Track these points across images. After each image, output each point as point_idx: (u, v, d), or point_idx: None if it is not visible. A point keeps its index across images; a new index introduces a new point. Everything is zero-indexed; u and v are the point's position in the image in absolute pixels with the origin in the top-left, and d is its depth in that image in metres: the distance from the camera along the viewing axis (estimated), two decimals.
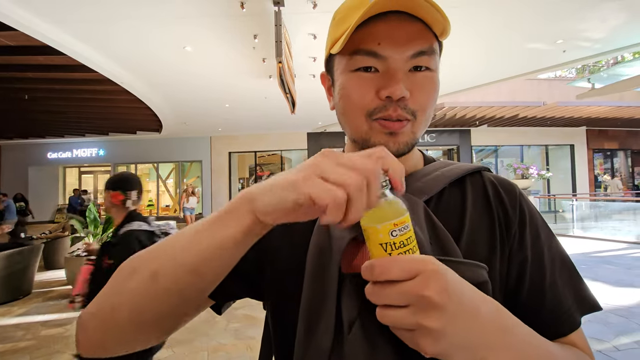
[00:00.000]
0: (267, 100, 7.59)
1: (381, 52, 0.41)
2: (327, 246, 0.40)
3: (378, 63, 0.42)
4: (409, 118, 0.43)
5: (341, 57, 0.45)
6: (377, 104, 0.42)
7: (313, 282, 0.39)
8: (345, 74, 0.44)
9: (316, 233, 0.43)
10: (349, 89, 0.44)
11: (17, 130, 11.20)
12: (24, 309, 3.86)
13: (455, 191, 0.48)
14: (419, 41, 0.41)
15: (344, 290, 0.37)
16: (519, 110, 9.43)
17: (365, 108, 0.43)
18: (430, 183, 0.47)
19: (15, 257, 4.13)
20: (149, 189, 14.65)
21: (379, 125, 0.43)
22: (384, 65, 0.42)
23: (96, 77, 5.56)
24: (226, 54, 5.06)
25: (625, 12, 4.06)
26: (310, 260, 0.41)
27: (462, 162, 0.52)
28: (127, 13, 3.82)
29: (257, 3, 3.66)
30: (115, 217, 1.71)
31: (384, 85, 0.41)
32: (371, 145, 0.43)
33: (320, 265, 0.40)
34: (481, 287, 0.35)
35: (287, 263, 0.45)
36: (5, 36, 4.31)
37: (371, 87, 0.42)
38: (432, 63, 0.43)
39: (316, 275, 0.39)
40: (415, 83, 0.42)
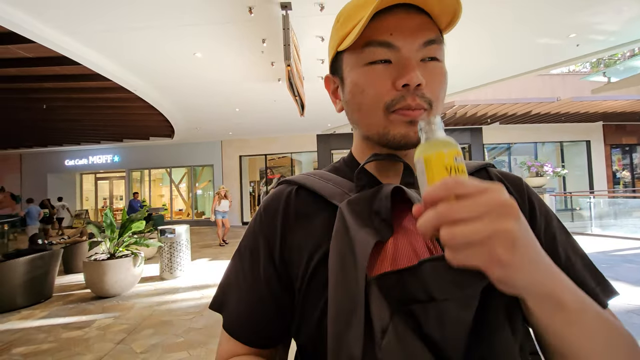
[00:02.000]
0: (277, 104, 7.64)
1: (394, 42, 0.42)
2: (350, 251, 0.39)
3: (391, 54, 0.42)
4: (426, 107, 0.43)
5: (351, 53, 0.45)
6: (394, 95, 0.42)
7: (339, 289, 0.38)
8: (358, 69, 0.45)
9: (336, 241, 0.41)
10: (364, 83, 0.44)
11: (36, 139, 11.56)
12: (46, 312, 3.98)
13: None
14: (428, 31, 0.43)
15: (371, 296, 0.36)
16: (531, 106, 9.23)
17: (383, 100, 0.43)
18: None
19: (36, 261, 4.27)
20: (162, 193, 14.92)
21: (399, 115, 0.43)
22: (397, 55, 0.42)
23: (110, 86, 5.71)
24: (235, 58, 5.12)
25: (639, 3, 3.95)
26: (333, 267, 0.40)
27: (468, 160, 0.53)
28: (139, 23, 3.92)
29: (265, 8, 3.70)
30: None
31: (399, 74, 0.42)
32: (390, 139, 0.45)
33: (345, 271, 0.38)
34: None
35: (308, 270, 0.45)
36: (24, 48, 4.47)
37: (387, 79, 0.43)
38: (440, 53, 0.45)
39: (342, 282, 0.38)
40: (427, 72, 0.43)
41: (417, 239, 0.42)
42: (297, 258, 0.46)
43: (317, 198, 0.49)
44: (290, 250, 0.47)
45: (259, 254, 0.49)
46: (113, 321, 3.61)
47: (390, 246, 0.41)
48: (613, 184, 12.13)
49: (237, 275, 0.50)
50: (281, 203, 0.50)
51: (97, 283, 4.34)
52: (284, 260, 0.47)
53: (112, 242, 4.65)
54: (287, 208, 0.50)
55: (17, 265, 4.07)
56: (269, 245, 0.48)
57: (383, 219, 0.41)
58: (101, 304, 4.20)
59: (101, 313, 3.88)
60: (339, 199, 0.46)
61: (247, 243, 0.51)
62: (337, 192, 0.48)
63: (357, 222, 0.40)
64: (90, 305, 4.17)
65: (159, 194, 14.95)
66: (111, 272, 4.33)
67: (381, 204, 0.41)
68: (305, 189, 0.51)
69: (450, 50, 5.08)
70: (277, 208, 0.50)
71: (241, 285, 0.49)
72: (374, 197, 0.43)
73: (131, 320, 3.60)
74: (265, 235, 0.49)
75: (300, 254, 0.46)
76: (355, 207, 0.42)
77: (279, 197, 0.52)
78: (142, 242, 4.76)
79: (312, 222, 0.47)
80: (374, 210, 0.42)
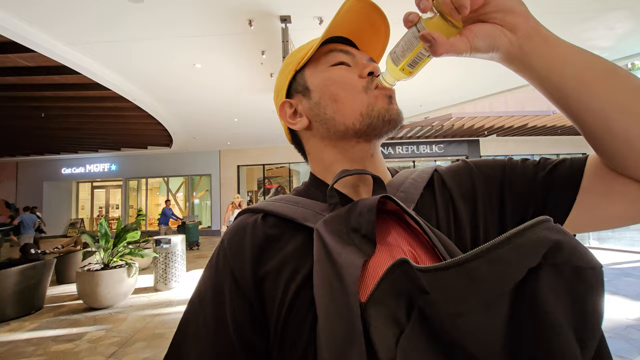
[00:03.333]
0: (275, 114, 7.59)
1: (350, 50, 0.51)
2: (336, 276, 0.35)
3: (349, 59, 0.50)
4: (393, 89, 0.49)
5: (314, 63, 0.51)
6: (366, 81, 0.48)
7: (330, 328, 0.34)
8: (325, 70, 0.50)
9: (319, 268, 0.38)
10: (337, 77, 0.49)
11: (34, 147, 11.54)
12: (36, 323, 3.89)
13: (425, 194, 0.49)
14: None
15: (370, 322, 0.32)
16: (528, 119, 9.34)
17: (360, 84, 0.48)
18: (411, 191, 0.48)
19: (28, 272, 4.19)
20: (159, 202, 14.83)
21: (378, 90, 0.47)
22: (354, 60, 0.50)
23: (109, 95, 5.73)
24: (235, 69, 5.17)
25: (632, 20, 4.04)
26: (320, 297, 0.36)
27: (418, 168, 0.56)
28: (140, 34, 3.96)
29: (265, 20, 3.76)
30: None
31: (362, 67, 0.49)
32: (375, 114, 0.47)
33: (335, 305, 0.34)
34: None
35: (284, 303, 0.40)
36: (25, 57, 4.50)
37: (353, 73, 0.49)
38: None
39: (333, 318, 0.34)
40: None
41: (399, 254, 0.38)
42: (272, 287, 0.41)
43: (287, 223, 0.46)
44: (264, 280, 0.42)
45: (223, 296, 0.42)
46: (105, 334, 3.53)
47: (372, 263, 0.38)
48: None
49: (196, 325, 0.42)
50: (247, 232, 0.46)
51: (90, 294, 4.26)
52: (257, 292, 0.42)
53: (107, 252, 4.59)
54: (254, 236, 0.45)
55: (8, 276, 3.99)
56: (237, 282, 0.42)
57: (363, 234, 0.38)
58: (93, 315, 4.11)
59: (93, 325, 3.79)
60: (312, 221, 0.44)
61: (208, 285, 0.44)
62: (309, 213, 0.46)
63: (338, 242, 0.38)
64: (81, 316, 4.08)
65: (155, 203, 14.86)
66: (104, 283, 4.26)
67: (361, 220, 0.39)
68: (272, 215, 0.47)
69: (448, 65, 5.15)
70: (243, 237, 0.45)
71: (202, 337, 0.41)
72: (350, 214, 0.41)
73: (123, 333, 3.52)
74: (232, 271, 0.43)
75: (276, 282, 0.41)
76: (332, 226, 0.40)
77: (243, 227, 0.47)
78: (136, 253, 4.70)
79: (284, 249, 0.43)
80: (352, 228, 0.40)
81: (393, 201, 0.41)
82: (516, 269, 0.26)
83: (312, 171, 0.56)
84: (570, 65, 0.38)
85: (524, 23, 0.37)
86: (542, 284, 0.25)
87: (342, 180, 0.51)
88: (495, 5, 0.36)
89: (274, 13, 3.64)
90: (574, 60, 0.38)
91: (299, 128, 0.53)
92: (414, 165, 12.11)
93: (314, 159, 0.55)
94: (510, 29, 0.37)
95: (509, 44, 0.37)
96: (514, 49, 0.38)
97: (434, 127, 9.97)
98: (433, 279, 0.29)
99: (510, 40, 0.37)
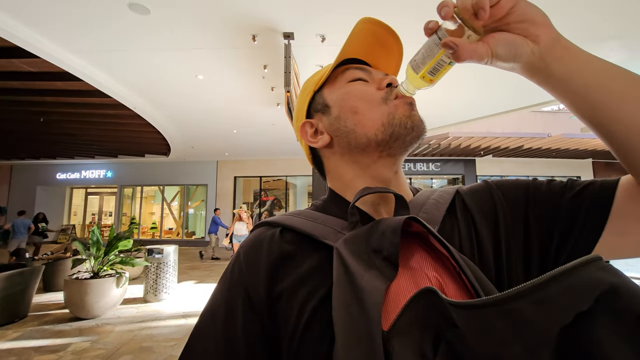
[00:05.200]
0: (274, 127, 7.74)
1: (367, 68, 0.53)
2: (358, 305, 0.33)
3: (366, 75, 0.51)
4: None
5: (332, 82, 0.52)
6: (385, 92, 0.48)
7: (349, 351, 0.32)
8: (344, 86, 0.51)
9: (339, 291, 0.36)
10: (357, 90, 0.50)
11: (29, 151, 11.47)
12: (19, 332, 3.77)
13: (447, 215, 0.47)
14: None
15: (393, 354, 0.30)
16: (524, 141, 9.48)
17: (379, 95, 0.48)
18: (433, 212, 0.46)
19: (15, 278, 4.09)
20: (153, 211, 14.69)
21: (398, 100, 0.48)
22: (371, 76, 0.51)
23: (110, 102, 5.75)
24: (236, 82, 5.24)
25: (625, 49, 4.17)
26: (340, 327, 0.34)
27: (441, 188, 0.54)
28: (143, 43, 4.02)
29: (268, 36, 3.83)
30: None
31: (380, 80, 0.50)
32: (397, 122, 0.46)
33: (356, 331, 0.32)
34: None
35: (299, 325, 0.38)
36: (28, 63, 4.53)
37: (372, 86, 0.50)
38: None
39: (353, 346, 0.31)
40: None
41: (423, 279, 0.36)
42: (287, 307, 0.40)
43: (305, 239, 0.44)
44: (278, 299, 0.40)
45: (235, 312, 0.41)
46: (90, 345, 3.42)
47: (394, 289, 0.35)
48: None
49: (206, 343, 0.41)
50: (264, 246, 0.45)
51: (77, 303, 4.15)
52: (271, 311, 0.40)
53: (97, 260, 4.50)
54: (271, 252, 0.44)
55: None
56: (250, 299, 0.41)
57: (385, 257, 0.36)
58: (79, 325, 3.99)
59: (78, 336, 3.68)
60: (332, 239, 0.43)
61: (221, 300, 0.43)
62: (328, 231, 0.44)
63: (360, 263, 0.36)
64: (67, 326, 3.96)
65: (149, 212, 14.71)
66: (93, 292, 4.16)
67: (383, 241, 0.37)
68: (290, 230, 0.46)
69: (445, 84, 5.25)
70: (259, 252, 0.44)
71: (211, 354, 0.40)
72: (371, 234, 0.39)
73: (109, 345, 3.41)
74: (246, 287, 0.42)
75: (291, 302, 0.39)
76: (352, 246, 0.39)
77: (260, 241, 0.46)
78: (128, 262, 4.61)
79: (301, 266, 0.42)
80: (373, 249, 0.37)
81: (419, 222, 0.38)
82: (565, 312, 0.23)
83: (331, 187, 0.54)
84: (594, 74, 0.37)
85: (547, 34, 0.36)
86: (598, 330, 0.23)
87: (363, 198, 0.48)
88: (519, 15, 0.36)
89: (277, 29, 3.72)
90: (597, 69, 0.37)
91: (320, 145, 0.52)
92: (410, 183, 12.14)
93: (334, 176, 0.53)
94: (533, 40, 0.36)
95: (530, 54, 0.37)
96: (535, 59, 0.37)
97: (430, 146, 10.08)
98: (468, 316, 0.27)
99: (532, 49, 0.37)
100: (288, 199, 13.06)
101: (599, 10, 3.39)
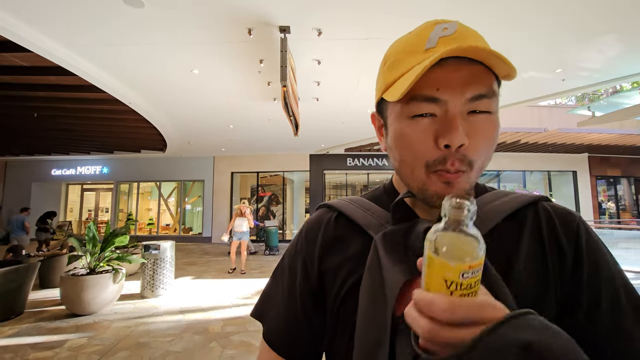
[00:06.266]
0: (271, 122, 7.70)
1: (440, 97, 0.40)
2: (380, 288, 0.41)
3: (437, 107, 0.40)
4: (465, 170, 0.41)
5: (395, 102, 0.44)
6: (436, 156, 0.41)
7: (366, 329, 0.41)
8: (401, 121, 0.43)
9: (368, 277, 0.44)
10: (407, 137, 0.42)
11: (24, 147, 11.36)
12: (15, 329, 3.75)
13: (508, 225, 0.45)
14: (478, 84, 0.40)
15: (398, 336, 0.37)
16: (520, 136, 9.51)
17: (424, 158, 0.42)
18: (484, 218, 0.45)
19: (10, 275, 4.06)
20: (150, 207, 14.63)
21: (436, 175, 0.42)
22: (443, 109, 0.40)
23: (105, 97, 5.69)
24: (232, 77, 5.19)
25: (621, 43, 4.17)
26: (364, 301, 0.43)
27: (519, 193, 0.50)
28: (138, 38, 3.96)
29: (264, 30, 3.79)
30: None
31: (442, 132, 0.40)
32: (428, 195, 0.43)
33: (374, 311, 0.40)
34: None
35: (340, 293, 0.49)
36: (20, 57, 4.46)
37: (429, 135, 0.41)
38: (492, 106, 0.42)
39: (369, 322, 0.40)
40: (474, 127, 0.41)
41: None
42: (332, 281, 0.50)
43: (355, 226, 0.52)
44: (326, 273, 0.51)
45: (296, 273, 0.54)
46: (87, 341, 3.41)
47: (417, 283, 0.38)
48: (599, 215, 12.36)
49: (277, 289, 0.56)
50: (321, 228, 0.55)
51: (74, 299, 4.14)
52: (320, 281, 0.52)
53: (93, 256, 4.48)
54: (326, 234, 0.54)
55: None
56: (306, 267, 0.53)
57: (417, 255, 0.38)
58: (75, 322, 3.99)
59: (74, 332, 3.67)
60: (374, 230, 0.49)
61: (288, 261, 0.57)
62: (373, 222, 0.51)
63: (390, 257, 0.42)
64: (63, 323, 3.95)
65: (146, 208, 14.65)
66: (89, 288, 4.15)
67: (416, 240, 0.42)
68: (344, 216, 0.54)
69: None
70: (317, 233, 0.55)
71: (279, 301, 0.55)
72: (409, 232, 0.44)
73: (106, 341, 3.41)
74: (304, 257, 0.54)
75: (335, 278, 0.50)
76: (389, 240, 0.44)
77: (319, 223, 0.56)
78: (124, 258, 4.60)
79: (347, 249, 0.51)
80: (408, 246, 0.43)
81: None
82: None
83: (394, 176, 0.58)
84: None
85: None
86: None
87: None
88: None
89: (273, 23, 3.68)
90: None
91: (382, 148, 0.52)
92: None
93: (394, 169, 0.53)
94: None
95: None
96: None
97: None
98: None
99: None
100: (285, 195, 13.05)
101: (592, 9, 3.38)
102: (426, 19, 0.47)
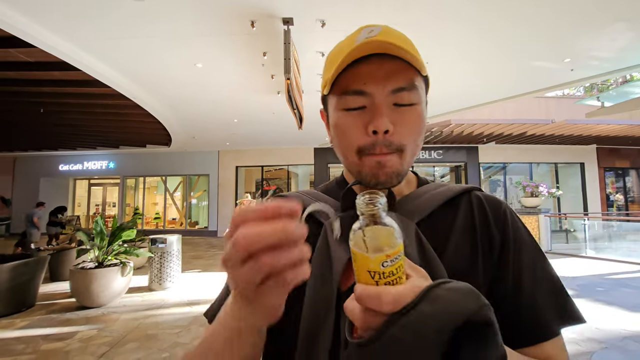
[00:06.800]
0: (275, 116, 7.68)
1: (367, 90, 0.45)
2: (328, 266, 0.44)
3: (365, 100, 0.46)
4: (394, 153, 0.46)
5: (332, 96, 0.49)
6: (366, 141, 0.46)
7: (313, 304, 0.43)
8: (337, 112, 0.49)
9: (317, 253, 0.46)
10: (341, 127, 0.48)
11: (32, 143, 11.48)
12: (27, 321, 3.84)
13: (445, 212, 0.51)
14: (399, 78, 0.45)
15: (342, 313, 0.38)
16: (527, 127, 9.37)
17: (356, 145, 0.47)
18: (422, 205, 0.50)
19: (21, 268, 4.14)
20: (156, 201, 14.77)
21: (369, 157, 0.47)
22: (370, 101, 0.46)
23: (109, 92, 5.70)
24: (236, 70, 5.17)
25: (633, 32, 4.06)
26: (311, 283, 0.44)
27: (455, 184, 0.55)
28: (141, 32, 3.95)
29: (267, 22, 3.76)
30: None
31: (370, 119, 0.45)
32: (364, 176, 0.48)
33: (323, 283, 0.44)
34: None
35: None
36: (24, 52, 4.47)
37: (360, 124, 0.46)
38: (414, 98, 0.46)
39: (316, 297, 0.43)
40: (399, 117, 0.46)
41: None
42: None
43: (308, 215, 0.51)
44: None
45: None
46: (96, 333, 3.48)
47: None
48: (607, 207, 12.21)
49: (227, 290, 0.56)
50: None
51: (83, 292, 4.22)
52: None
53: (101, 250, 4.55)
54: None
55: (0, 272, 3.94)
56: None
57: None
58: (85, 314, 4.06)
59: (85, 324, 3.75)
60: (324, 217, 0.50)
61: None
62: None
63: (338, 240, 0.44)
64: (73, 315, 4.03)
65: (152, 202, 14.79)
66: (98, 281, 4.22)
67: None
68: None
69: (449, 71, 5.16)
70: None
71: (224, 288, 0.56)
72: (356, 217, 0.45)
73: (115, 333, 3.48)
74: None
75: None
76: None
77: None
78: (132, 252, 4.66)
79: None
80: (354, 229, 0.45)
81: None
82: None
83: (344, 169, 0.60)
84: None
85: None
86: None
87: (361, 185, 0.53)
88: None
89: (276, 15, 3.64)
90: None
91: (329, 141, 0.58)
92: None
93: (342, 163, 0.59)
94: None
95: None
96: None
97: (433, 133, 9.99)
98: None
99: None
100: (290, 188, 13.07)
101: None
102: (431, 10, 0.48)
